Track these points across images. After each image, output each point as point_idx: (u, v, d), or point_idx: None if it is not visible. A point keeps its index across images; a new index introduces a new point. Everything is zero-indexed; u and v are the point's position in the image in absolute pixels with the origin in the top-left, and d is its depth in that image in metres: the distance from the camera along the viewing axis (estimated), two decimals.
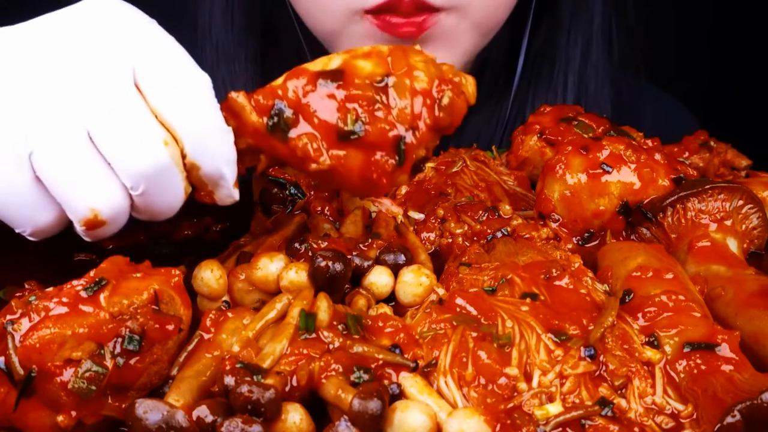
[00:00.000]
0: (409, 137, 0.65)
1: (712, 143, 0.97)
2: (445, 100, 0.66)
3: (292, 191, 0.85)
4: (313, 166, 0.64)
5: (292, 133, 0.64)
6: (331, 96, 0.64)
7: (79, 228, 0.62)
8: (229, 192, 0.66)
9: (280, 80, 0.66)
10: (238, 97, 0.65)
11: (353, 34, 1.02)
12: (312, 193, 0.86)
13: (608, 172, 0.78)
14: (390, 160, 0.64)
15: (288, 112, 0.64)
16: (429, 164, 0.92)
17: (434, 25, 1.00)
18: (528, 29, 1.24)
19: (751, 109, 1.77)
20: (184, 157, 0.62)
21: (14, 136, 0.59)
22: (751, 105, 1.78)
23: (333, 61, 0.66)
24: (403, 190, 0.88)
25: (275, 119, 0.64)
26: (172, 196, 0.63)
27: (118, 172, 0.60)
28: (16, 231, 0.64)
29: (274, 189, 0.85)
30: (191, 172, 0.63)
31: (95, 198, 0.60)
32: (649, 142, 0.88)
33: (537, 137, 0.93)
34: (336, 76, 0.64)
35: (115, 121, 0.59)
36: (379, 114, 0.64)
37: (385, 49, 0.67)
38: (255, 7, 1.24)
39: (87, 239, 0.64)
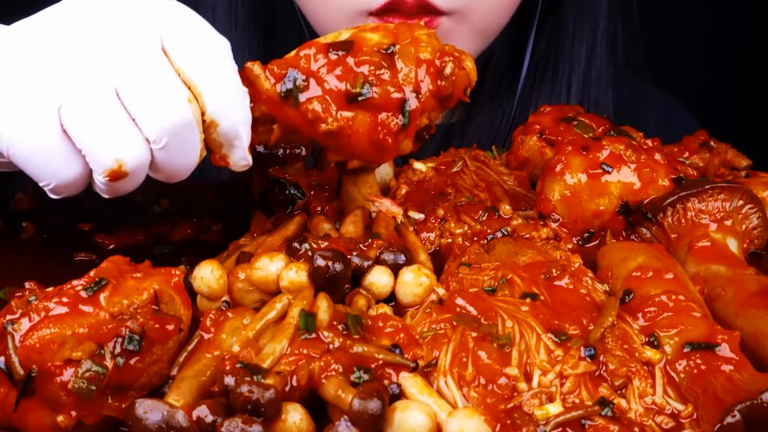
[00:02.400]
0: (413, 101, 0.69)
1: (712, 143, 0.97)
2: (447, 70, 0.71)
3: (292, 191, 0.85)
4: (323, 126, 0.69)
5: (303, 98, 0.69)
6: (341, 62, 0.69)
7: (101, 180, 0.65)
8: (243, 154, 0.70)
9: (292, 53, 0.71)
10: (254, 66, 0.70)
11: None
12: (312, 193, 0.86)
13: (608, 172, 0.78)
14: (395, 120, 0.69)
15: (300, 79, 0.69)
16: (429, 164, 0.92)
17: (436, 29, 1.01)
18: (533, 33, 1.24)
19: (752, 110, 1.77)
20: (203, 115, 0.66)
21: (44, 91, 0.63)
22: (751, 106, 1.78)
23: (342, 35, 0.71)
24: (403, 190, 0.88)
25: (288, 85, 0.69)
26: (190, 154, 0.67)
27: (143, 125, 0.64)
28: (41, 185, 0.66)
29: (274, 189, 0.85)
30: (209, 130, 0.67)
31: (120, 149, 0.63)
32: (649, 142, 0.88)
33: (537, 137, 0.93)
34: (345, 46, 0.70)
35: (142, 78, 0.63)
36: (385, 77, 0.69)
37: (392, 25, 0.72)
38: (258, 5, 1.25)
39: (105, 195, 0.67)
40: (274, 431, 0.50)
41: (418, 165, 0.92)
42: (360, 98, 0.68)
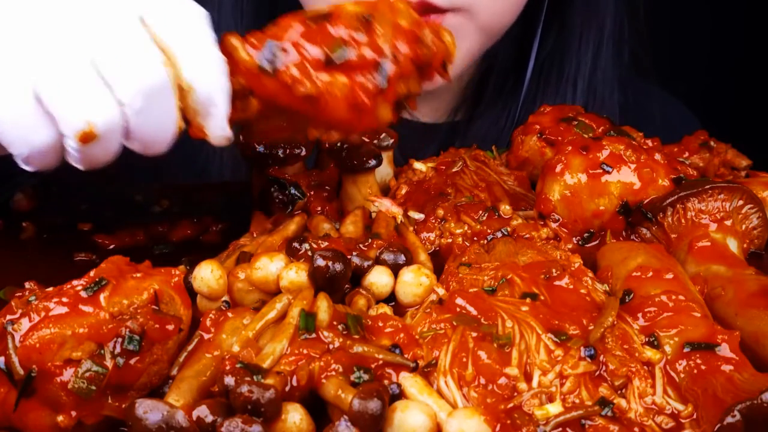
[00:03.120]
0: (390, 64, 0.69)
1: (712, 143, 0.97)
2: (426, 38, 0.71)
3: (292, 191, 0.85)
4: (301, 90, 0.68)
5: (281, 65, 0.68)
6: (319, 30, 0.69)
7: (72, 145, 0.64)
8: (221, 124, 0.68)
9: (271, 25, 0.71)
10: (232, 38, 0.70)
11: None
12: (312, 193, 0.86)
13: (608, 172, 0.78)
14: (373, 80, 0.68)
15: (277, 48, 0.68)
16: (429, 164, 0.92)
17: (442, 21, 1.03)
18: (538, 34, 1.25)
19: (752, 110, 1.77)
20: (180, 84, 0.66)
21: (18, 58, 0.62)
22: (751, 106, 1.78)
23: (322, 9, 0.71)
24: (403, 190, 0.88)
25: (266, 55, 0.69)
26: (166, 121, 0.66)
27: (117, 88, 0.63)
28: (14, 154, 0.65)
29: (274, 189, 0.85)
30: (186, 98, 0.66)
31: (91, 110, 0.63)
32: (649, 142, 0.88)
33: (537, 137, 0.93)
34: (324, 16, 0.70)
35: (117, 42, 0.63)
36: (362, 39, 0.68)
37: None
38: (264, 2, 1.26)
39: (80, 165, 0.66)
40: (274, 431, 0.50)
41: (418, 165, 0.92)
42: (338, 60, 0.68)
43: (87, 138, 0.63)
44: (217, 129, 0.69)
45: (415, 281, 0.66)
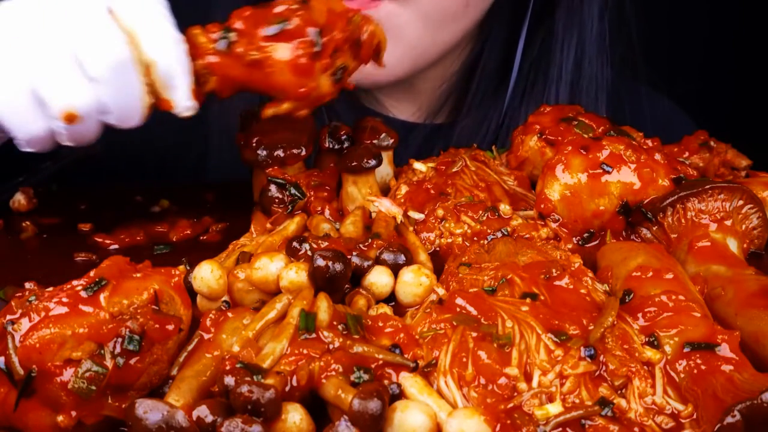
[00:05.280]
0: (322, 34, 0.80)
1: (712, 143, 0.97)
2: (356, 18, 0.83)
3: (292, 191, 0.85)
4: (248, 57, 0.78)
5: (233, 41, 0.79)
6: (263, 11, 0.81)
7: (60, 125, 0.74)
8: (184, 95, 0.78)
9: None
10: (194, 29, 0.80)
11: None
12: (312, 193, 0.86)
13: (608, 172, 0.78)
14: (310, 44, 0.79)
15: (229, 30, 0.79)
16: (429, 164, 0.92)
17: (376, 9, 1.05)
18: (523, 38, 1.25)
19: (750, 110, 1.76)
20: (143, 60, 0.75)
21: (15, 59, 0.74)
22: (749, 107, 1.78)
23: None
24: (403, 190, 0.88)
25: (220, 35, 0.79)
26: (133, 93, 0.76)
27: (88, 66, 0.73)
28: (14, 139, 0.77)
29: (274, 189, 0.85)
30: (150, 73, 0.76)
31: (71, 93, 0.73)
32: (649, 142, 0.88)
33: (537, 137, 0.93)
34: (267, 4, 0.82)
35: (89, 32, 0.74)
36: (300, 14, 0.80)
37: None
38: None
39: (69, 143, 0.77)
40: (274, 431, 0.50)
41: (418, 165, 0.92)
42: (278, 31, 0.78)
43: (71, 118, 0.74)
44: (182, 100, 0.78)
45: (415, 281, 0.66)
